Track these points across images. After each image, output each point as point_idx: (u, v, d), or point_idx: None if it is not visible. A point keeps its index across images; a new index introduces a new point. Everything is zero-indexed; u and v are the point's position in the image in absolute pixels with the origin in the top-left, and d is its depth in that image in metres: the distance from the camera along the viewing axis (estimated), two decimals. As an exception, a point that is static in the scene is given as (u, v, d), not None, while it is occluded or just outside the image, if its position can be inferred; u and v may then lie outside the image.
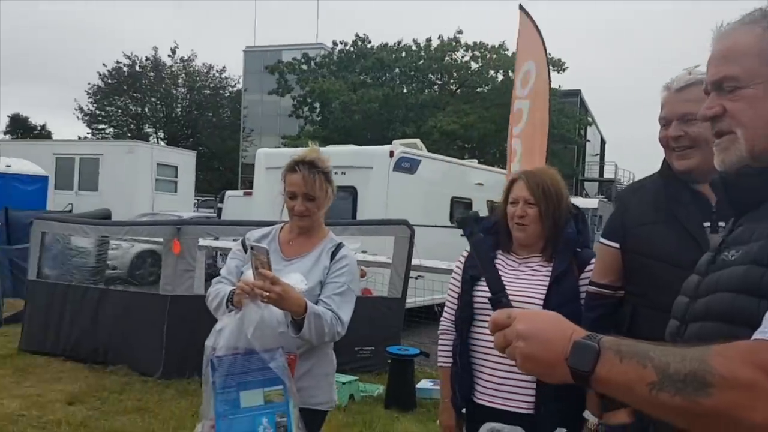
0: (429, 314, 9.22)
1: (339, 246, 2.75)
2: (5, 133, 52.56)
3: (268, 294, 2.30)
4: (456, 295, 2.62)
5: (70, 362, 7.10)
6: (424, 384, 6.26)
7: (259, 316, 2.36)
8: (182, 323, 6.48)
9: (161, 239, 8.26)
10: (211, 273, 9.11)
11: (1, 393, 6.04)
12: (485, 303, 2.45)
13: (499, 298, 1.52)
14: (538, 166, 2.95)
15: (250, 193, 12.95)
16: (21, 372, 6.76)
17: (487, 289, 2.49)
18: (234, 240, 9.61)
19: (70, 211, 13.11)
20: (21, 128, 54.52)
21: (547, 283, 2.41)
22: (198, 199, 26.18)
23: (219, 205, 15.63)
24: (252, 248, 2.37)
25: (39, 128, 55.98)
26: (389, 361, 6.11)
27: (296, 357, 2.51)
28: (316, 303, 2.53)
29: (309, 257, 2.69)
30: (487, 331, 2.48)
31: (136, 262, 13.38)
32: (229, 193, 14.92)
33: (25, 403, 5.79)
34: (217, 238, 8.37)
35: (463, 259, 2.65)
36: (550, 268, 2.45)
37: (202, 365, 6.22)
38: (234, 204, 13.52)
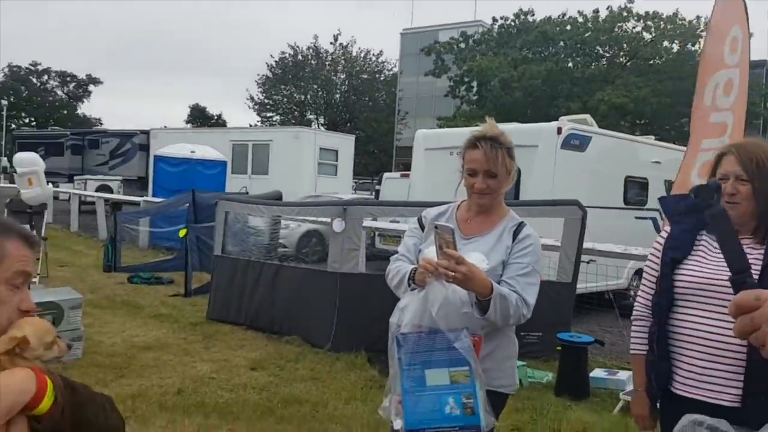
0: (600, 301, 8.81)
1: (521, 225, 2.65)
2: (186, 122, 57.79)
3: (453, 274, 2.25)
4: (653, 279, 2.43)
5: (250, 331, 7.66)
6: (597, 373, 5.97)
7: (443, 295, 2.34)
8: (350, 300, 6.73)
9: (327, 219, 8.70)
10: (370, 253, 9.36)
11: (194, 357, 6.65)
12: (689, 287, 2.25)
13: (744, 279, 1.35)
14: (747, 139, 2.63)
15: (407, 175, 13.10)
16: (209, 338, 7.40)
17: (692, 272, 2.28)
18: (392, 221, 9.89)
19: (246, 193, 14.09)
20: (200, 117, 59.67)
21: (759, 269, 2.15)
22: (356, 182, 27.05)
23: (377, 186, 16.01)
24: (436, 227, 2.33)
25: (215, 117, 60.91)
26: (558, 348, 5.90)
27: (481, 338, 2.46)
28: (498, 284, 2.46)
29: (489, 236, 2.61)
30: (690, 318, 2.30)
31: (302, 241, 14.10)
32: (386, 175, 15.23)
33: (214, 366, 6.33)
34: (375, 219, 8.56)
35: (662, 240, 2.44)
36: (762, 251, 2.19)
37: (368, 341, 6.39)
38: (391, 186, 13.77)
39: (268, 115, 52.39)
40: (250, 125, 43.31)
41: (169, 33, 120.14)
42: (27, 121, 59.23)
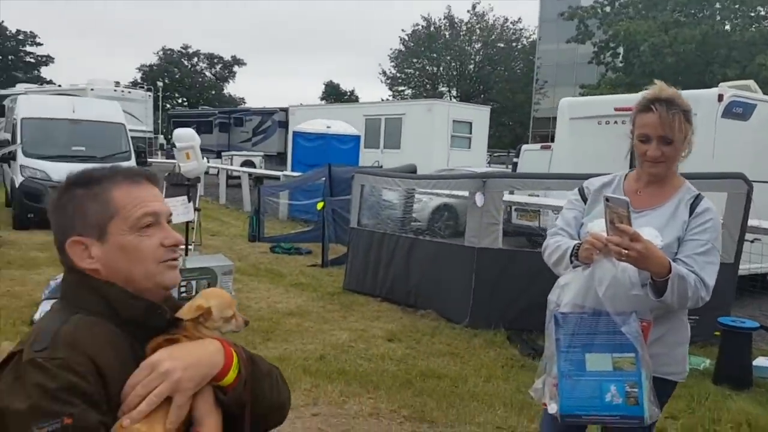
0: (764, 284, 8.02)
1: (699, 197, 2.37)
2: (321, 99, 59.52)
3: (626, 252, 2.03)
4: None
5: (386, 303, 7.74)
6: (761, 362, 5.43)
7: (611, 274, 2.13)
8: (488, 276, 6.57)
9: (462, 192, 8.54)
10: (506, 229, 9.09)
11: (333, 325, 6.83)
12: None
13: None
14: None
15: (548, 147, 12.58)
16: (346, 308, 7.57)
17: None
18: (530, 195, 9.53)
19: (380, 167, 14.23)
20: (334, 94, 61.21)
21: None
22: (490, 155, 26.53)
23: (514, 159, 15.55)
24: (607, 199, 2.12)
25: (348, 93, 62.21)
26: (717, 333, 5.42)
27: (650, 324, 2.24)
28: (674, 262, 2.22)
29: (663, 209, 2.36)
30: None
31: (434, 216, 14.03)
32: (525, 147, 14.71)
33: (352, 336, 6.46)
34: (512, 192, 8.27)
35: None
36: None
37: (506, 319, 6.17)
38: (530, 158, 13.29)
39: (400, 89, 52.69)
40: (382, 99, 43.76)
41: (305, 13, 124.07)
42: (180, 101, 63.77)
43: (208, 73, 68.68)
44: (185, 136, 6.84)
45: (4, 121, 17.32)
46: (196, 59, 67.46)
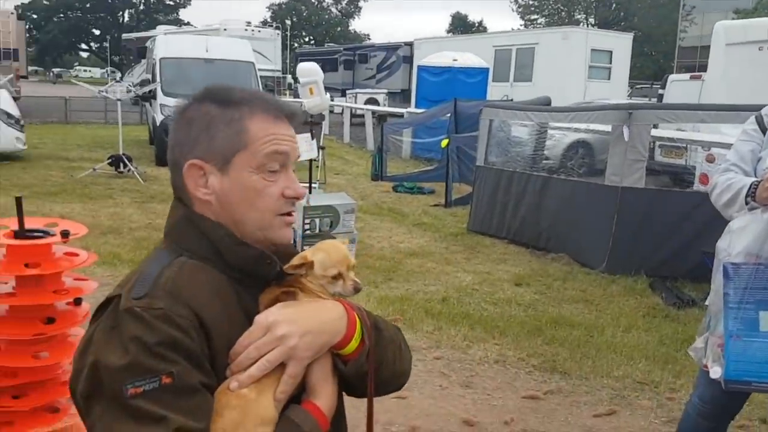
0: None
1: None
2: (448, 32, 58.02)
3: None
4: None
5: (513, 245, 7.38)
6: None
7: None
8: (631, 218, 6.00)
9: (600, 127, 7.84)
10: (648, 167, 8.31)
11: (456, 267, 6.59)
12: None
13: None
14: None
15: (697, 77, 11.35)
16: (470, 250, 7.29)
17: None
18: (677, 129, 8.62)
19: (511, 101, 13.54)
20: (461, 26, 59.46)
21: None
22: (631, 87, 24.64)
23: (660, 91, 14.23)
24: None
25: (477, 25, 60.18)
26: None
27: None
28: None
29: None
30: None
31: (567, 153, 13.23)
32: (672, 77, 13.38)
33: (477, 278, 6.20)
34: (655, 126, 7.46)
35: None
36: None
37: (649, 264, 5.63)
38: (678, 89, 12.05)
39: (533, 17, 50.11)
40: (513, 29, 41.81)
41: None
42: (307, 39, 64.77)
43: (334, 10, 68.97)
44: (308, 71, 6.68)
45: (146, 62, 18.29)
46: (322, -4, 67.85)
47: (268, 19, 53.44)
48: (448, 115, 11.57)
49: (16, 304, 2.65)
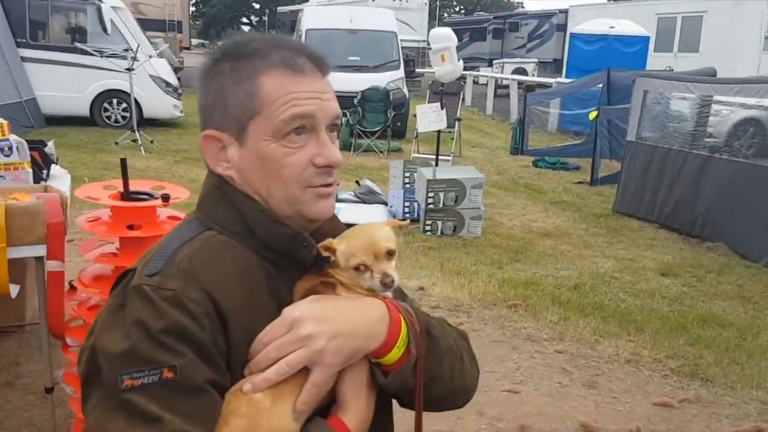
0: None
1: None
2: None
3: None
4: None
5: (663, 230, 6.68)
6: None
7: None
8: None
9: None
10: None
11: (595, 251, 6.06)
12: None
13: None
14: None
15: None
16: (614, 233, 6.69)
17: None
18: None
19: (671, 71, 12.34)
20: (623, -7, 55.47)
21: None
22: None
23: None
24: None
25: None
26: None
27: None
28: None
29: None
30: None
31: (734, 132, 11.83)
32: None
33: (618, 265, 5.65)
34: None
35: None
36: None
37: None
38: None
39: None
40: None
41: None
42: (457, 9, 63.72)
43: (487, -22, 67.15)
44: (441, 36, 6.37)
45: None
46: (476, -36, 66.27)
47: (418, -12, 53.09)
48: (600, 85, 10.75)
49: (119, 265, 2.68)
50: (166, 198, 2.67)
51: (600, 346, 4.01)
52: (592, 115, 9.40)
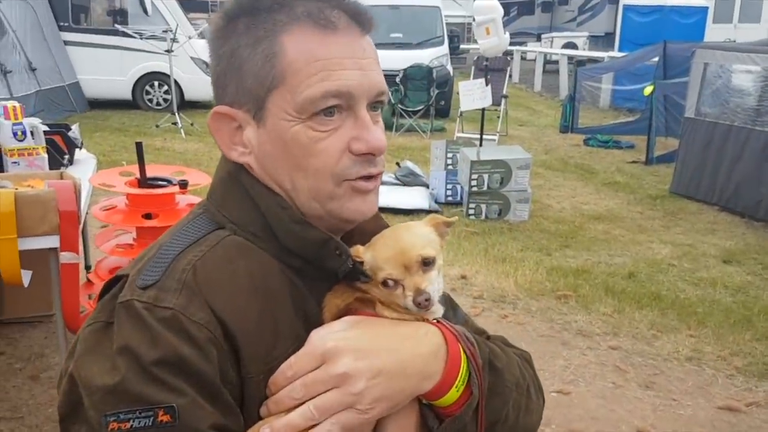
0: None
1: None
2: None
3: None
4: None
5: (725, 213, 6.26)
6: None
7: None
8: None
9: None
10: None
11: (651, 236, 5.69)
12: None
13: None
14: None
15: None
16: (671, 216, 6.30)
17: None
18: None
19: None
20: (679, -37, 53.29)
21: None
22: None
23: None
24: None
25: (698, -40, 53.64)
26: None
27: None
28: None
29: None
30: None
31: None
32: None
33: (676, 251, 5.28)
34: None
35: None
36: None
37: None
38: None
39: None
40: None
41: None
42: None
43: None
44: (485, 8, 6.03)
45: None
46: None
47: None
48: (656, 59, 10.19)
49: (136, 257, 2.52)
50: (184, 184, 2.50)
51: (658, 342, 3.70)
52: (647, 90, 8.91)
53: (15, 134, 2.65)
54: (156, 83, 11.36)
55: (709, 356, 3.55)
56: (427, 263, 0.76)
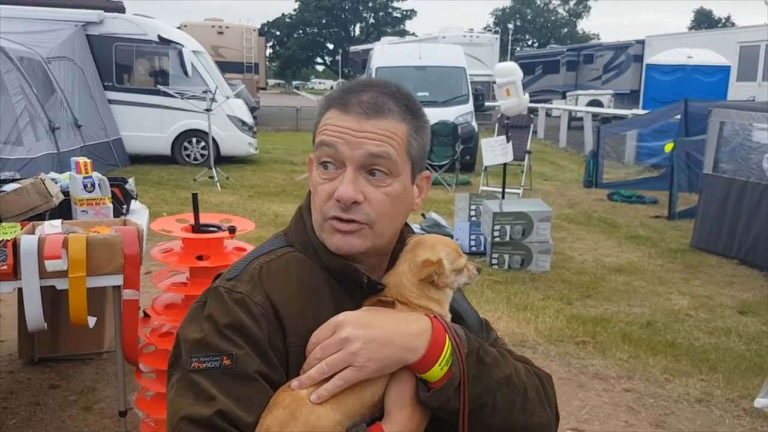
0: None
1: None
2: (690, 29, 53.04)
3: None
4: None
5: (743, 267, 6.37)
6: None
7: None
8: None
9: None
10: None
11: (670, 288, 5.84)
12: None
13: None
14: None
15: None
16: (691, 269, 6.44)
17: None
18: None
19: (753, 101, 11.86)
20: (705, 22, 54.03)
21: None
22: None
23: None
24: None
25: (722, 20, 54.28)
26: None
27: None
28: None
29: None
30: None
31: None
32: None
33: (693, 302, 5.42)
34: None
35: None
36: None
37: None
38: None
39: (791, 10, 43.72)
40: (764, 24, 36.86)
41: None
42: (530, 42, 63.52)
43: (561, 11, 66.75)
44: (506, 71, 6.39)
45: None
46: (549, -5, 66.13)
47: (491, 24, 53.43)
48: (678, 116, 10.45)
49: (188, 294, 2.82)
50: (232, 230, 2.82)
51: (670, 385, 3.86)
52: (668, 146, 9.16)
53: (85, 186, 3.01)
54: (194, 139, 11.95)
55: (719, 399, 3.69)
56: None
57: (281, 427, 0.92)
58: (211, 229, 2.88)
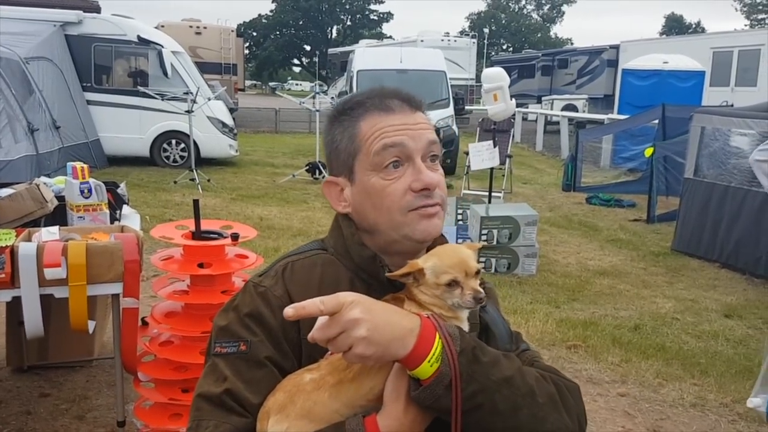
0: None
1: None
2: (661, 34, 53.99)
3: None
4: None
5: (725, 270, 6.49)
6: None
7: None
8: None
9: None
10: None
11: (654, 291, 5.92)
12: None
13: None
14: None
15: None
16: (673, 273, 6.53)
17: None
18: None
19: (731, 106, 12.09)
20: (676, 28, 55.02)
21: None
22: None
23: None
24: None
25: (693, 26, 55.34)
26: None
27: None
28: None
29: None
30: None
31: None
32: None
33: (679, 306, 5.51)
34: None
35: None
36: None
37: None
38: None
39: (760, 17, 44.76)
40: (735, 30, 37.74)
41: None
42: (505, 47, 64.05)
43: (534, 16, 67.47)
44: (493, 76, 6.43)
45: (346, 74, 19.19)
46: (524, 1, 66.73)
47: (467, 29, 53.77)
48: (655, 121, 10.62)
49: (189, 302, 2.78)
50: (235, 237, 2.78)
51: (664, 389, 3.91)
52: (648, 151, 9.27)
53: (82, 192, 2.95)
54: (173, 141, 11.79)
55: (712, 403, 3.75)
56: (477, 273, 1.03)
57: (279, 409, 0.98)
58: (212, 235, 2.83)
